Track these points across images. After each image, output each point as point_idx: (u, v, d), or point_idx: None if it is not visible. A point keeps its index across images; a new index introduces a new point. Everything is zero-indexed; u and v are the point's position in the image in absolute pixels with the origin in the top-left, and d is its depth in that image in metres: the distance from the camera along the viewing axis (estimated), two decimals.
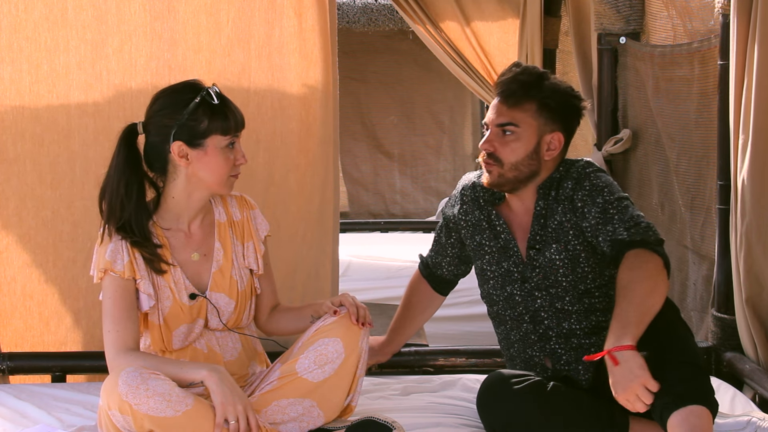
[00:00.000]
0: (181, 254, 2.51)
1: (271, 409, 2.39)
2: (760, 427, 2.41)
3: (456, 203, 2.72)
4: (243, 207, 2.62)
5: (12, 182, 3.00)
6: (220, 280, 2.53)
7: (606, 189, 2.47)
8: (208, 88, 2.43)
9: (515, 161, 2.49)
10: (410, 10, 4.36)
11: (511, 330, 2.63)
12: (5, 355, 3.01)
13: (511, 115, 2.49)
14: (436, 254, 2.85)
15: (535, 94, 2.49)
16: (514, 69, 2.54)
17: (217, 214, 2.58)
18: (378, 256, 5.33)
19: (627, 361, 2.13)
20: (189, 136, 2.40)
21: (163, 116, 2.41)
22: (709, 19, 3.18)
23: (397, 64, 7.31)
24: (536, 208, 2.55)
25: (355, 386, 2.46)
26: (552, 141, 2.52)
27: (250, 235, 2.60)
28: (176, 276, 2.48)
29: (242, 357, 2.59)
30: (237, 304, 2.54)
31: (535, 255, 2.54)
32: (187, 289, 2.49)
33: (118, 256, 2.42)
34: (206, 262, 2.53)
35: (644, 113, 3.69)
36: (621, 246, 2.38)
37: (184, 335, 2.51)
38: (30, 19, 2.94)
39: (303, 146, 3.10)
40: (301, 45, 3.06)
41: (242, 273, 2.57)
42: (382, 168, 7.45)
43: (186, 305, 2.48)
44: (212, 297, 2.51)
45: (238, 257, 2.57)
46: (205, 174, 2.43)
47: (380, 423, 2.41)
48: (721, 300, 2.97)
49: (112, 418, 2.23)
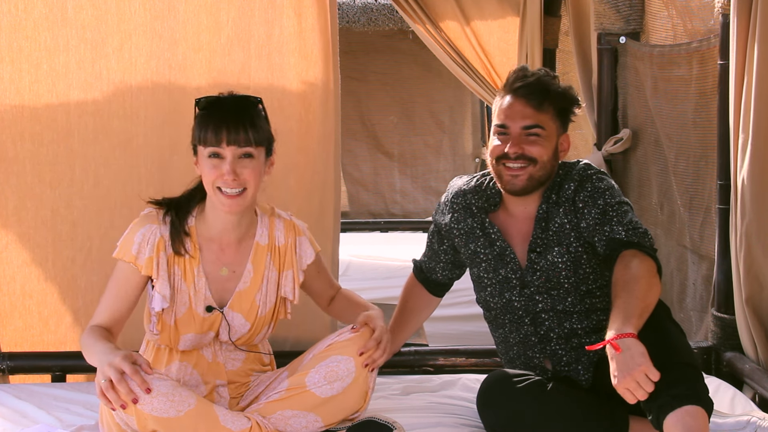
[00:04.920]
0: (211, 266, 2.48)
1: (275, 417, 2.38)
2: (760, 427, 2.41)
3: (446, 211, 2.70)
4: (289, 232, 2.55)
5: (11, 181, 3.00)
6: (242, 301, 2.49)
7: (608, 192, 2.47)
8: (213, 96, 2.43)
9: (546, 159, 2.50)
10: (410, 9, 4.36)
11: (510, 333, 2.62)
12: (5, 354, 3.01)
13: (537, 117, 2.49)
14: (429, 259, 2.84)
15: (554, 96, 2.51)
16: (527, 72, 2.53)
17: (258, 235, 2.52)
18: (378, 255, 5.33)
19: (629, 349, 2.13)
20: (192, 142, 2.43)
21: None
22: (709, 19, 3.18)
23: (397, 64, 7.31)
24: (538, 212, 2.54)
25: (365, 405, 2.45)
26: (563, 143, 2.55)
27: (291, 263, 2.55)
28: (199, 285, 2.46)
29: (244, 367, 2.58)
30: (252, 327, 2.52)
31: (536, 258, 2.54)
32: (206, 301, 2.47)
33: (142, 250, 2.41)
34: (233, 280, 2.50)
35: (644, 113, 3.69)
36: (617, 245, 2.39)
37: (191, 342, 2.50)
38: (30, 19, 2.94)
39: (303, 145, 3.10)
40: (300, 44, 3.06)
41: (268, 299, 2.52)
42: (382, 168, 7.44)
43: (200, 316, 2.46)
44: (228, 314, 2.49)
45: (269, 283, 2.52)
46: (204, 183, 2.41)
47: (381, 423, 2.41)
48: (721, 300, 2.97)
49: (114, 416, 2.23)
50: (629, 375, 2.11)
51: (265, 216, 2.55)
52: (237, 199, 2.37)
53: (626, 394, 2.14)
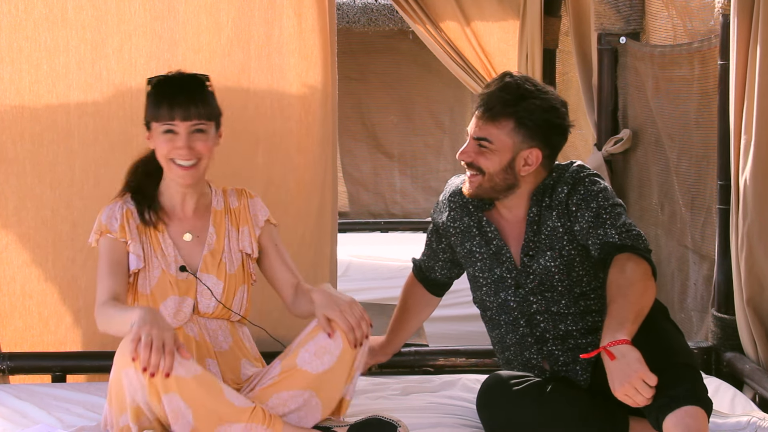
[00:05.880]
0: (176, 235, 2.61)
1: (271, 402, 2.40)
2: (760, 427, 2.40)
3: (444, 209, 2.70)
4: (241, 196, 2.70)
5: (11, 182, 3.01)
6: (211, 262, 2.60)
7: (601, 195, 2.46)
8: (164, 75, 2.58)
9: (493, 171, 2.49)
10: (410, 10, 4.36)
11: (506, 334, 2.62)
12: (5, 355, 3.01)
13: (487, 130, 2.48)
14: (428, 258, 2.84)
15: (512, 113, 2.45)
16: (498, 82, 2.49)
17: (214, 203, 2.67)
18: (378, 256, 5.33)
19: (624, 356, 2.13)
20: (145, 119, 2.57)
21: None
22: (709, 19, 3.18)
23: (397, 64, 7.30)
24: (529, 215, 2.54)
25: (352, 377, 2.46)
26: (529, 157, 2.48)
27: (246, 220, 2.68)
28: (168, 251, 2.58)
29: (234, 350, 2.61)
30: (225, 286, 2.60)
31: (529, 262, 2.54)
32: (176, 263, 2.58)
33: (113, 219, 2.57)
34: (198, 245, 2.62)
35: (644, 113, 3.68)
36: (611, 249, 2.39)
37: (173, 310, 2.55)
38: (30, 19, 2.94)
39: (302, 146, 3.10)
40: (300, 45, 3.06)
41: (233, 257, 2.64)
42: (382, 168, 7.44)
43: (174, 278, 2.56)
44: (202, 278, 2.58)
45: (231, 242, 2.65)
46: (158, 156, 2.54)
47: (386, 421, 2.41)
48: (722, 300, 2.97)
49: (125, 376, 2.26)
50: (627, 382, 2.11)
51: (218, 189, 2.71)
52: (191, 171, 2.53)
53: (626, 400, 2.15)
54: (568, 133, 2.55)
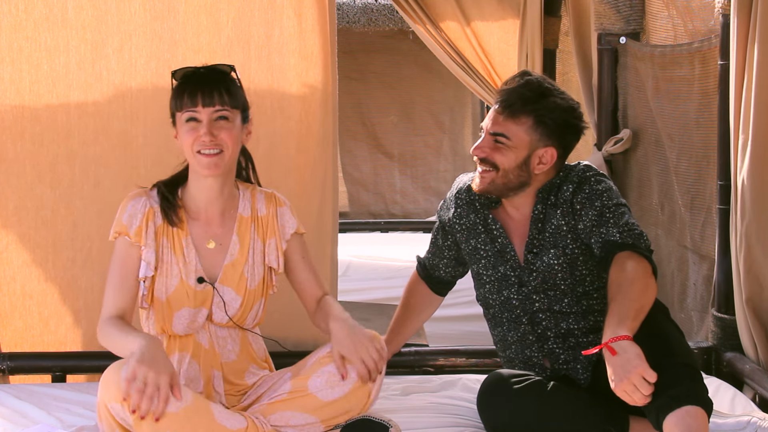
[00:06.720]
0: (198, 240, 2.53)
1: (274, 417, 2.39)
2: (760, 427, 2.41)
3: (451, 206, 2.71)
4: (270, 203, 2.61)
5: (11, 182, 3.01)
6: (231, 274, 2.53)
7: (605, 194, 2.47)
8: (188, 67, 2.51)
9: (507, 168, 2.50)
10: (410, 10, 4.36)
11: (508, 332, 2.63)
12: (5, 355, 3.01)
13: (505, 126, 2.49)
14: (433, 256, 2.85)
15: (533, 110, 2.47)
16: (519, 79, 2.52)
17: (241, 208, 2.58)
18: (378, 256, 5.33)
19: (625, 351, 2.13)
20: (170, 113, 2.51)
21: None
22: (709, 19, 3.18)
23: (397, 64, 7.31)
24: (534, 213, 2.55)
25: (368, 406, 2.45)
26: (544, 155, 2.51)
27: (273, 231, 2.59)
28: (189, 257, 2.50)
29: (240, 360, 2.59)
30: (243, 301, 2.54)
31: (532, 259, 2.54)
32: (197, 273, 2.50)
33: (133, 221, 2.48)
34: (221, 253, 2.54)
35: (644, 113, 3.68)
36: (612, 247, 2.39)
37: (187, 320, 2.51)
38: (30, 19, 2.94)
39: (302, 146, 3.10)
40: (300, 45, 3.06)
41: (256, 270, 2.56)
42: (382, 168, 7.44)
43: (192, 288, 2.49)
44: (220, 289, 2.52)
45: (255, 254, 2.57)
46: (184, 151, 2.47)
47: (376, 422, 2.41)
48: (721, 300, 2.97)
49: (111, 410, 2.24)
50: (626, 378, 2.11)
51: (246, 191, 2.61)
52: (214, 159, 2.43)
53: (625, 397, 2.14)
54: (582, 135, 2.56)
